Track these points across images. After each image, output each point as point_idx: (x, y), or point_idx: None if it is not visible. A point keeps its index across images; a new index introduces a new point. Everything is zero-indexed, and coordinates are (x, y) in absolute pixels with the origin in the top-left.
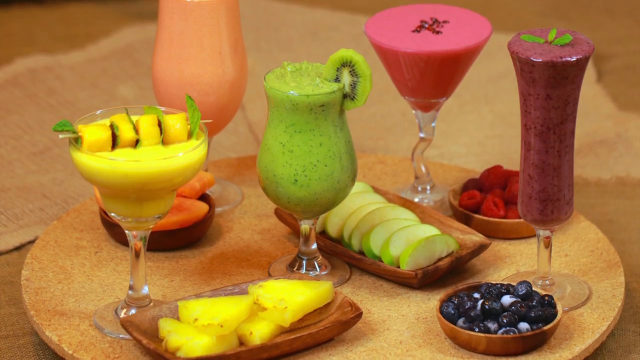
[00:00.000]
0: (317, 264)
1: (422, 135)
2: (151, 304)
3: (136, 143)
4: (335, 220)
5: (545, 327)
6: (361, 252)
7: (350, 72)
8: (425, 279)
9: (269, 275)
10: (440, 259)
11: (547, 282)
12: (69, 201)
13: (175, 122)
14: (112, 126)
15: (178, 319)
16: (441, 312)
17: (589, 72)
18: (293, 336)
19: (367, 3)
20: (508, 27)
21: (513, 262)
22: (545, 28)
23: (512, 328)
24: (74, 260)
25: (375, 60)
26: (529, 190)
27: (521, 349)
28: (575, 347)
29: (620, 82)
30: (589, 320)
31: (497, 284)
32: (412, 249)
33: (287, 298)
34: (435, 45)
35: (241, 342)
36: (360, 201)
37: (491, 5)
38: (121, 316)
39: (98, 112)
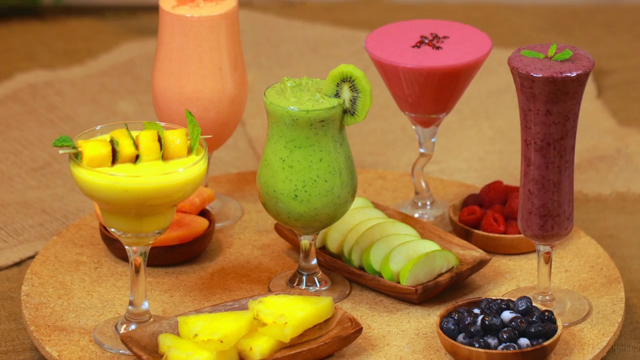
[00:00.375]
0: (317, 279)
1: (422, 150)
2: (151, 319)
3: (136, 158)
4: (335, 236)
5: (546, 343)
6: (361, 268)
7: (350, 87)
8: (425, 295)
9: (269, 291)
10: (440, 275)
11: (547, 297)
12: (69, 217)
13: (175, 138)
14: (112, 141)
15: (178, 334)
16: (441, 327)
17: (589, 88)
18: (293, 352)
19: (367, 19)
20: (508, 42)
21: (513, 278)
22: (546, 43)
23: (512, 344)
24: (73, 276)
25: (375, 76)
26: (529, 206)
27: None
28: None
29: (621, 98)
30: (589, 336)
31: (497, 299)
32: (412, 264)
33: (287, 313)
34: (435, 61)
35: (241, 358)
36: (360, 217)
37: (491, 21)
38: (121, 332)
39: (98, 127)
